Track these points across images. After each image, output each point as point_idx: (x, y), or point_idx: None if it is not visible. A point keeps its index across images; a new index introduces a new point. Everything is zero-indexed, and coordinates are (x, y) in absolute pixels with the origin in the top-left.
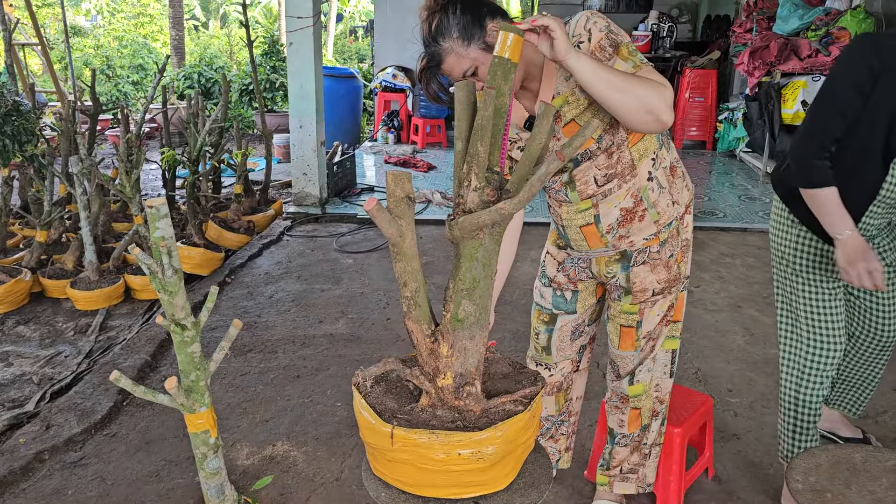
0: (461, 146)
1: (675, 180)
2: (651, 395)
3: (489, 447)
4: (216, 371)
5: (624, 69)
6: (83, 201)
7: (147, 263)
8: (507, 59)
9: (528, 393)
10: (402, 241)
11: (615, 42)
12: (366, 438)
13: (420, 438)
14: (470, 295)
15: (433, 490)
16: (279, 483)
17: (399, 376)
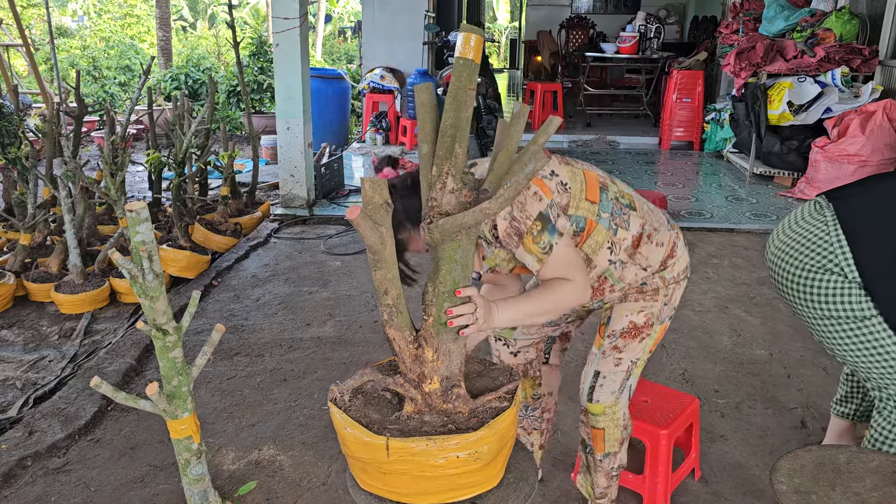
0: (427, 148)
1: (639, 250)
2: (618, 424)
3: (484, 446)
4: (202, 375)
5: (530, 261)
6: (67, 204)
7: (128, 268)
8: (471, 61)
9: (510, 388)
10: (384, 249)
11: (519, 233)
12: (354, 454)
13: (417, 447)
14: (451, 297)
15: (430, 497)
16: (265, 488)
17: (374, 386)
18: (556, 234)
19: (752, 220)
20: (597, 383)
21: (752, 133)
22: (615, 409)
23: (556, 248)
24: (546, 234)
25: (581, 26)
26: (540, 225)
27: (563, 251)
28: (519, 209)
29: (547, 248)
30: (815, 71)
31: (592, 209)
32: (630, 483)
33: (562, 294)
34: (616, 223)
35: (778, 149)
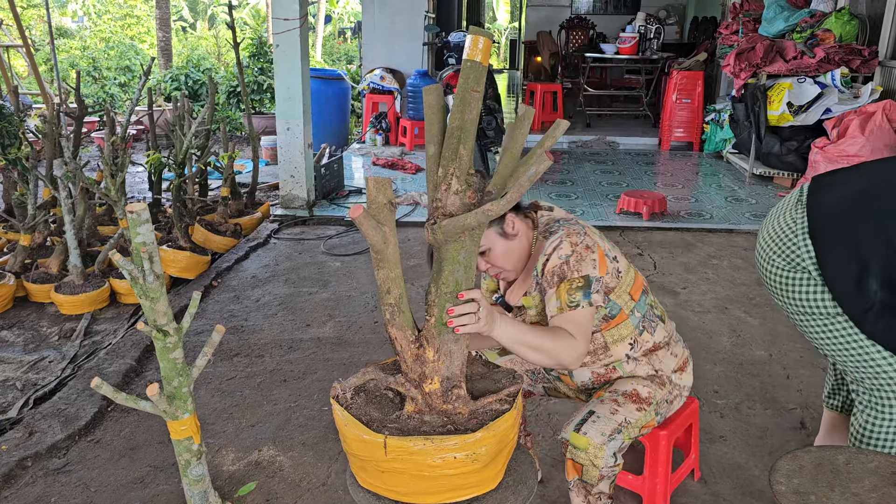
0: (434, 150)
1: (657, 353)
2: (597, 467)
3: (482, 447)
4: (202, 376)
5: (552, 304)
6: (67, 205)
7: (128, 269)
8: (479, 63)
9: (512, 391)
10: (386, 248)
11: (562, 276)
12: (354, 451)
13: (415, 446)
14: (453, 298)
15: (428, 497)
16: (265, 488)
17: (377, 385)
18: (589, 300)
19: (752, 221)
20: (589, 419)
21: (751, 134)
22: (599, 453)
23: (580, 309)
24: (580, 294)
25: (581, 27)
26: (582, 283)
27: (584, 316)
28: (576, 259)
29: (574, 304)
30: (815, 72)
31: (629, 304)
32: (629, 483)
33: (562, 344)
34: (644, 325)
35: (777, 149)
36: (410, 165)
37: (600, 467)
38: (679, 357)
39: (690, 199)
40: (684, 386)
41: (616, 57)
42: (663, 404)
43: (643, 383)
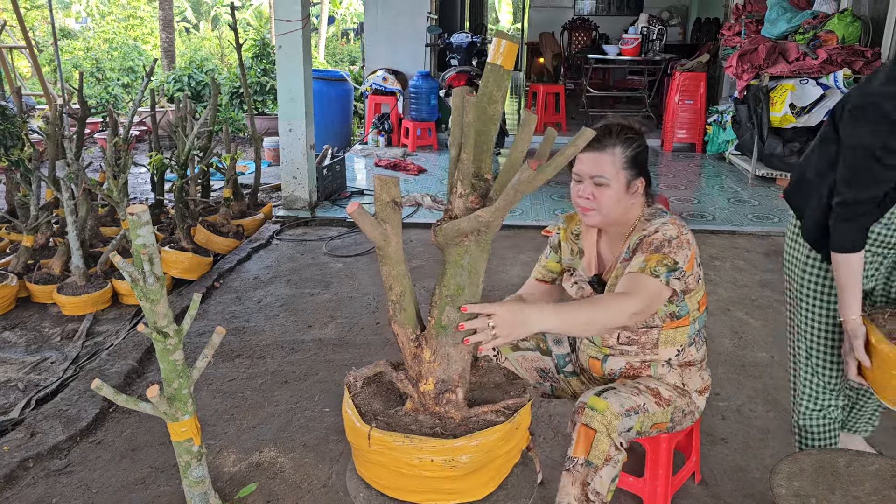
0: (455, 153)
1: (691, 368)
2: (611, 438)
3: (463, 456)
4: (203, 377)
5: (636, 262)
6: (70, 206)
7: (128, 271)
8: (500, 67)
9: (510, 404)
10: (387, 245)
11: (659, 249)
12: (349, 438)
13: (395, 441)
14: (454, 301)
15: (408, 494)
16: (266, 490)
17: (391, 379)
18: (668, 279)
19: (754, 223)
20: (611, 390)
21: (754, 135)
22: (615, 421)
23: (657, 280)
24: (664, 271)
25: (583, 28)
26: (671, 264)
27: (656, 285)
28: (677, 243)
29: (655, 273)
30: (818, 73)
31: (695, 313)
32: (630, 486)
33: (612, 307)
34: (695, 339)
35: (780, 151)
36: (413, 167)
37: (614, 437)
38: (704, 381)
39: (693, 200)
40: (699, 407)
41: (619, 58)
42: (679, 413)
43: (666, 387)
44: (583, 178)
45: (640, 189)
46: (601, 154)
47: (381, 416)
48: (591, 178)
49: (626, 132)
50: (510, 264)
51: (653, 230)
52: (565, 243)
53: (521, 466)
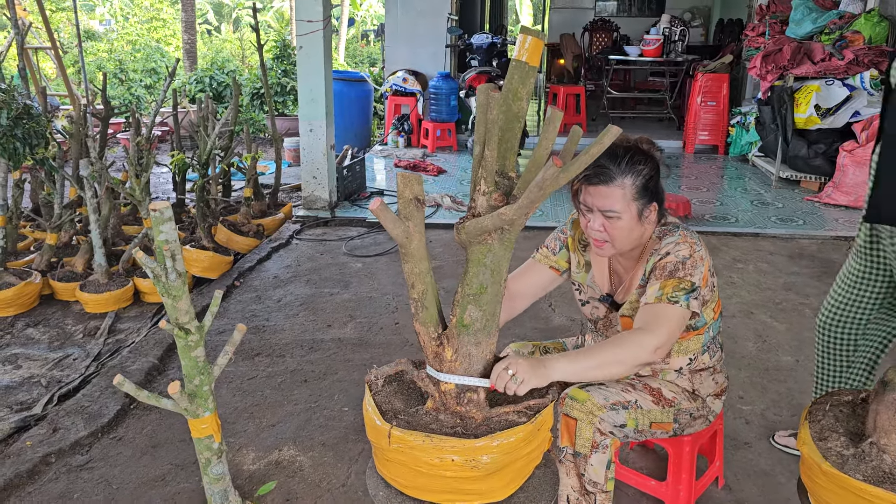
0: (479, 150)
1: (700, 375)
2: (592, 425)
3: (484, 456)
4: (223, 375)
5: (651, 292)
6: (93, 204)
7: (151, 267)
8: (526, 64)
9: (532, 405)
10: (409, 243)
11: (674, 273)
12: (370, 436)
13: (415, 441)
14: (477, 300)
15: (428, 494)
16: (285, 488)
17: (412, 378)
18: (688, 303)
19: (778, 225)
20: (599, 385)
21: (778, 137)
22: (597, 411)
23: (677, 307)
24: (682, 295)
25: (604, 29)
26: (688, 286)
27: (677, 314)
28: (691, 264)
29: (672, 300)
30: (844, 74)
31: (710, 322)
32: (653, 490)
33: (632, 345)
34: (709, 346)
35: (805, 153)
36: (432, 167)
37: (596, 423)
38: (719, 385)
39: (715, 202)
40: (713, 411)
41: (640, 59)
42: (685, 416)
43: (672, 388)
44: (592, 209)
45: (653, 214)
46: (609, 188)
47: (402, 415)
48: (601, 212)
49: (634, 158)
50: None
51: (664, 252)
52: (572, 253)
53: (543, 468)
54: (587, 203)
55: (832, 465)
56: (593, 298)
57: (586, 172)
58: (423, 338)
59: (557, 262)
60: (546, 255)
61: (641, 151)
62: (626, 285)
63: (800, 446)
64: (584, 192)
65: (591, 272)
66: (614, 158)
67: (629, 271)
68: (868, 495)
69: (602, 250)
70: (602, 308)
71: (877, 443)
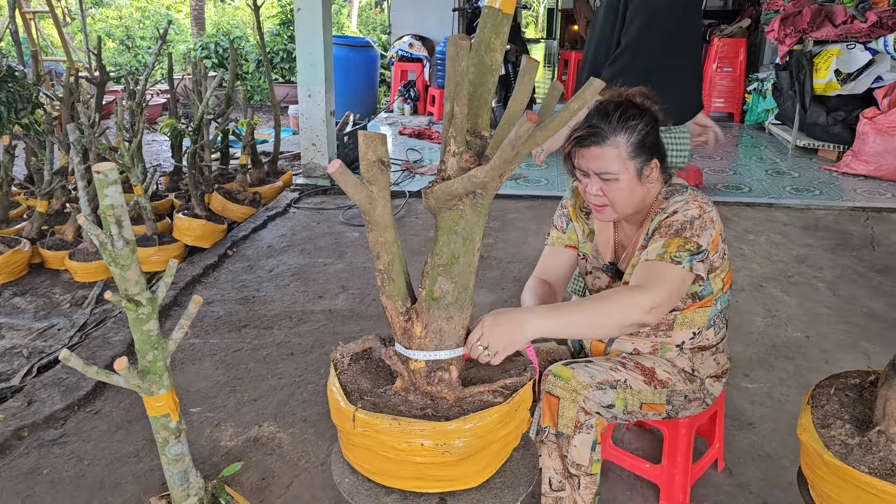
0: (448, 107)
1: (702, 354)
2: (579, 399)
3: (456, 440)
4: (207, 347)
5: (652, 250)
6: (80, 170)
7: (95, 234)
8: (499, 10)
9: (509, 384)
10: (373, 209)
11: (679, 232)
12: (334, 419)
13: (381, 424)
14: (447, 271)
15: (397, 481)
16: (261, 466)
17: (381, 356)
18: (691, 265)
19: (793, 195)
20: (584, 362)
21: (795, 103)
22: (581, 389)
23: (678, 267)
24: (687, 256)
25: None
26: (694, 248)
27: (677, 274)
28: (700, 224)
29: (675, 259)
30: (866, 37)
31: (718, 293)
32: (646, 472)
33: (629, 300)
34: (714, 321)
35: (823, 120)
36: (438, 135)
37: (580, 402)
38: (720, 366)
39: (728, 171)
40: (712, 394)
41: None
42: (679, 398)
43: (667, 368)
44: (588, 172)
45: (654, 172)
46: (602, 148)
47: (369, 396)
48: (597, 175)
49: (626, 113)
50: (533, 235)
51: (671, 211)
52: (575, 223)
53: (522, 450)
54: (582, 167)
55: (835, 456)
56: (596, 268)
57: (577, 134)
58: (390, 312)
59: (570, 238)
60: (557, 235)
61: (634, 105)
62: (629, 252)
63: (800, 434)
64: (578, 156)
65: (595, 241)
66: (605, 116)
67: (633, 236)
68: (874, 490)
69: (603, 215)
70: (604, 278)
71: (885, 431)
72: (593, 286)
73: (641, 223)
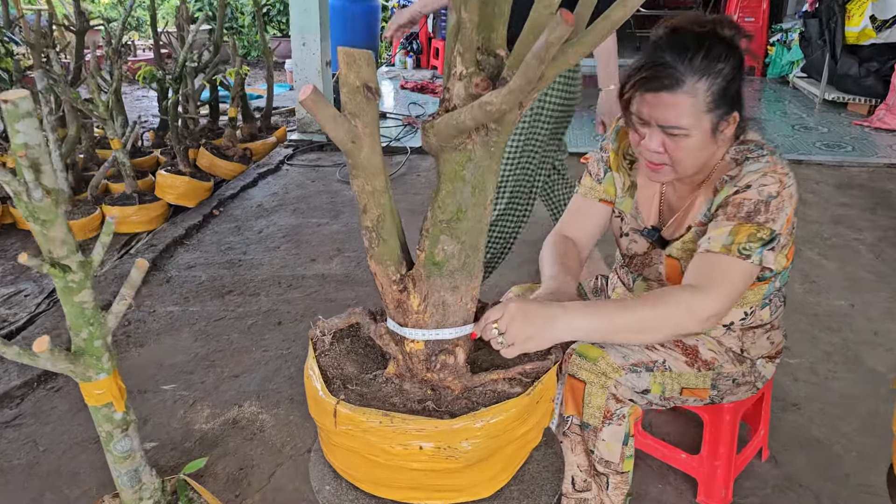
0: (454, 18)
1: (754, 332)
2: (605, 391)
3: (464, 442)
4: (186, 316)
5: (716, 239)
6: (50, 122)
7: (5, 181)
8: None
9: (529, 370)
10: (358, 150)
11: (752, 217)
12: (312, 413)
13: (369, 421)
14: (452, 229)
15: (389, 490)
16: (240, 454)
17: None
18: (760, 257)
19: (824, 152)
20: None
21: (825, 54)
22: (612, 373)
23: (746, 263)
24: (758, 246)
25: None
26: (767, 236)
27: (747, 272)
28: (777, 205)
29: (744, 253)
30: None
31: (779, 270)
32: (683, 464)
33: (686, 305)
34: (771, 298)
35: (855, 71)
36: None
37: (610, 388)
38: (775, 345)
39: None
40: (763, 376)
41: None
42: (726, 381)
43: (712, 347)
44: (650, 123)
45: (730, 129)
46: (675, 95)
47: (354, 385)
48: (662, 128)
49: (713, 52)
50: None
51: (744, 184)
52: (615, 172)
53: (543, 448)
54: (643, 115)
55: None
56: (634, 230)
57: (643, 74)
58: (380, 280)
59: (606, 190)
60: (590, 185)
61: (722, 41)
62: (678, 218)
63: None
64: (640, 101)
65: (636, 197)
66: (683, 52)
67: (685, 199)
68: None
69: (659, 175)
70: (642, 243)
71: None
72: (628, 251)
73: (699, 185)
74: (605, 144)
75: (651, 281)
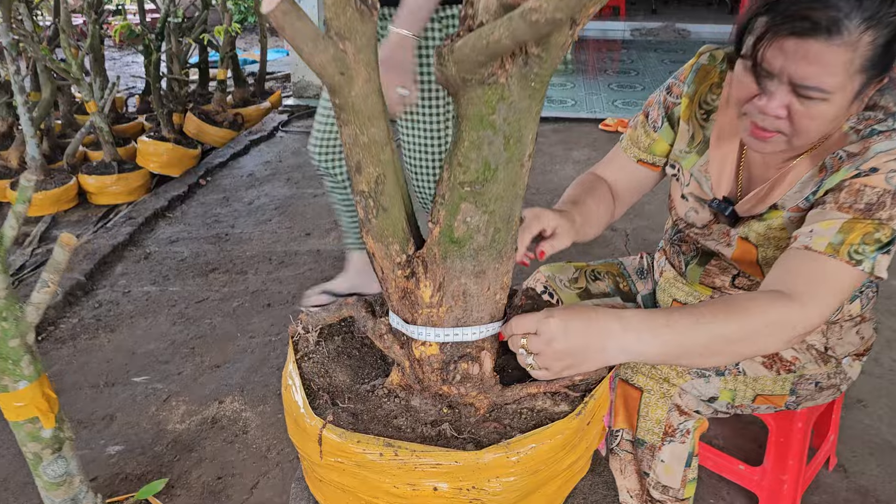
0: None
1: (840, 327)
2: (670, 393)
3: (493, 480)
4: (164, 297)
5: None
6: (18, 82)
7: None
8: None
9: (577, 380)
10: (348, 85)
11: (873, 209)
12: (291, 436)
13: (365, 452)
14: (477, 194)
15: None
16: (219, 460)
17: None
18: (872, 264)
19: None
20: None
21: None
22: (675, 381)
23: (856, 269)
24: (873, 250)
25: None
26: (888, 236)
27: (854, 279)
28: None
29: (855, 257)
30: None
31: None
32: (741, 477)
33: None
34: (863, 289)
35: None
36: None
37: (674, 398)
38: (865, 340)
39: None
40: (849, 377)
41: None
42: (808, 386)
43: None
44: (779, 77)
45: (871, 93)
46: (829, 46)
47: (346, 400)
48: (795, 86)
49: None
50: (560, 163)
51: (868, 168)
52: (685, 123)
53: (591, 476)
54: (773, 66)
55: None
56: (699, 198)
57: (787, 10)
58: (380, 263)
59: (657, 147)
60: (635, 138)
61: None
62: (761, 192)
63: None
64: (776, 46)
65: (707, 158)
66: None
67: (775, 169)
68: None
69: (766, 144)
70: (705, 214)
71: None
72: (686, 216)
73: (798, 154)
74: (673, 84)
75: (711, 267)
